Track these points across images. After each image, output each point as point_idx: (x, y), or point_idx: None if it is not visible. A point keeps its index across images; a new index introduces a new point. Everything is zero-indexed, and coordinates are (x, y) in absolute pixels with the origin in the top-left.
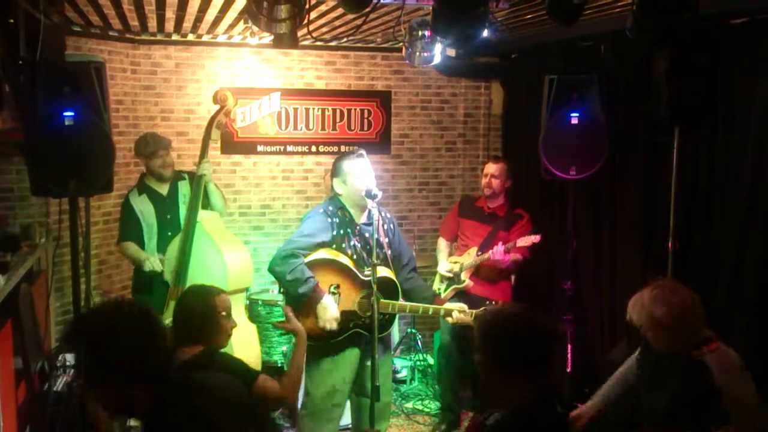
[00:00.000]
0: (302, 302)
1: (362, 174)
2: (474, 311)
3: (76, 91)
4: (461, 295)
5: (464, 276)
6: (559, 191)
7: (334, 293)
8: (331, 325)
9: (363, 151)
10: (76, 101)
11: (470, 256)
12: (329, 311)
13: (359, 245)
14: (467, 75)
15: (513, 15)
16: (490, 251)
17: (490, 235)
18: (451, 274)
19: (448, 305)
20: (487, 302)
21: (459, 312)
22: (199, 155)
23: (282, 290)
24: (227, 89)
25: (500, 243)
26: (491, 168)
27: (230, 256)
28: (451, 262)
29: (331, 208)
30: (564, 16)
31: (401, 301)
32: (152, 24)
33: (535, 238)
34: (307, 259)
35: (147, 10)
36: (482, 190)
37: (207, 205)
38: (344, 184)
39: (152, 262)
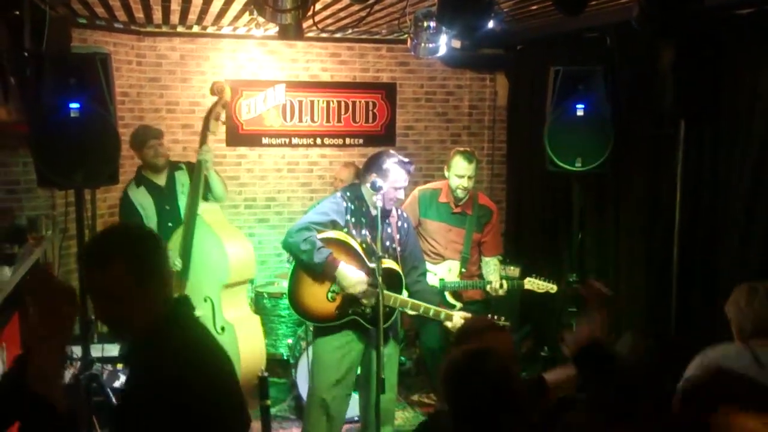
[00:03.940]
0: (315, 275)
1: (402, 185)
2: None
3: (82, 83)
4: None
5: (449, 297)
6: (564, 183)
7: None
8: (362, 287)
9: (412, 163)
10: (82, 93)
11: (452, 273)
12: (351, 276)
13: (370, 236)
14: (472, 66)
15: (519, 6)
16: (489, 286)
17: (466, 242)
18: None
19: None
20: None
21: (462, 318)
22: (199, 143)
23: (291, 260)
24: (225, 81)
25: (497, 282)
26: (467, 169)
27: (231, 247)
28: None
29: (349, 194)
30: (569, 7)
31: (404, 296)
32: (157, 16)
33: (551, 288)
34: (319, 236)
35: (152, 1)
36: (453, 191)
37: (208, 192)
38: (381, 182)
39: (173, 263)
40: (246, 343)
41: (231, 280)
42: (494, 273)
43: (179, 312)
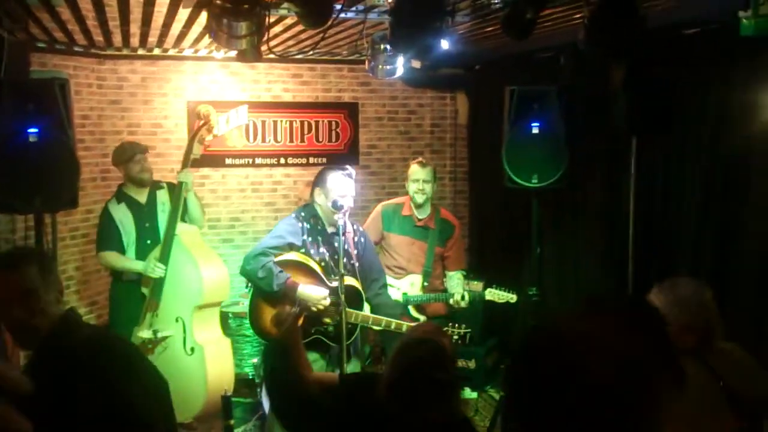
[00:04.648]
0: (275, 298)
1: (345, 192)
2: None
3: (40, 108)
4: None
5: (413, 311)
6: (523, 199)
7: None
8: (326, 301)
9: (352, 171)
10: (41, 118)
11: (414, 287)
12: (314, 294)
13: (328, 253)
14: (433, 86)
15: (474, 28)
16: (452, 299)
17: (428, 256)
18: None
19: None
20: (450, 324)
21: None
22: (181, 166)
23: (249, 287)
24: (207, 104)
25: (460, 294)
26: (421, 173)
27: (207, 270)
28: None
29: (303, 213)
30: (516, 31)
31: (365, 312)
32: (117, 39)
33: (511, 299)
34: (277, 259)
35: (111, 25)
36: (412, 198)
37: (185, 215)
38: (324, 196)
39: (155, 269)
40: (214, 365)
41: (204, 301)
42: (458, 287)
43: (72, 315)
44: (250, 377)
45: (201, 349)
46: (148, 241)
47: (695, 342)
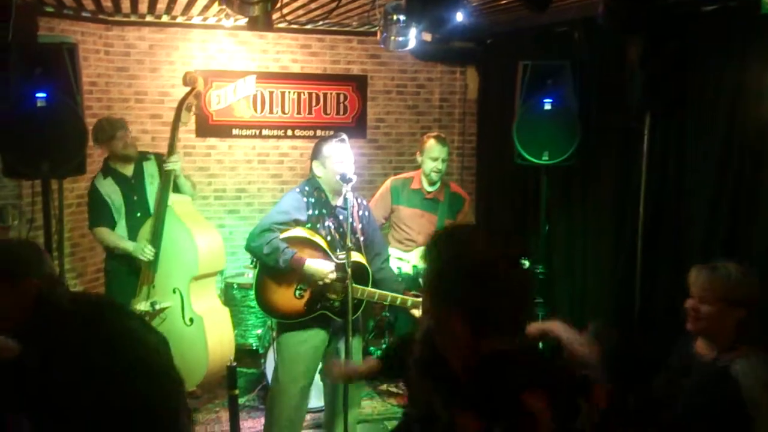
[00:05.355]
0: (282, 274)
1: (342, 158)
2: None
3: (49, 72)
4: None
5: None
6: (532, 176)
7: None
8: (332, 275)
9: (345, 136)
10: (49, 83)
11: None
12: (320, 269)
13: (333, 227)
14: (443, 60)
15: (489, 0)
16: None
17: (438, 227)
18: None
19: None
20: None
21: None
22: (169, 142)
23: (255, 264)
24: (197, 72)
25: None
26: (440, 151)
27: (201, 239)
28: (395, 258)
29: (307, 188)
30: (536, 3)
31: (371, 288)
32: (126, 5)
33: None
34: (283, 235)
35: None
36: (427, 175)
37: (176, 192)
38: (323, 167)
39: (144, 251)
40: (214, 335)
41: (200, 272)
42: None
43: (52, 292)
44: (254, 348)
45: (200, 319)
46: (138, 214)
47: (745, 315)
